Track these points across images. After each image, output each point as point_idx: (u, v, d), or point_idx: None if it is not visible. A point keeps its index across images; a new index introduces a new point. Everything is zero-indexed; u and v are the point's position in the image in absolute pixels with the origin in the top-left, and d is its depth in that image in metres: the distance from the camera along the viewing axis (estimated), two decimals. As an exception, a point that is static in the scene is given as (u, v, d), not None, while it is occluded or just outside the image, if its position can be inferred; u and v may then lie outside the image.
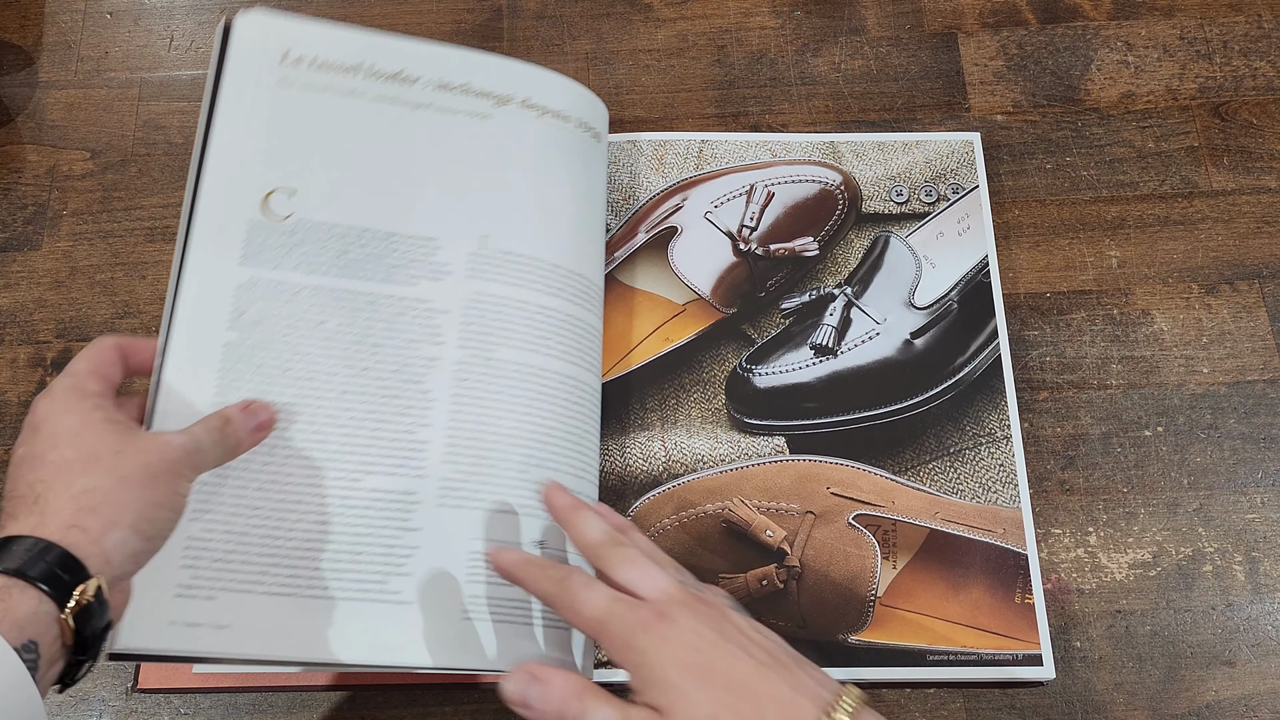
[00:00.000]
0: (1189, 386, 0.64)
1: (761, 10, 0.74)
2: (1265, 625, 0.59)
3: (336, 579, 0.51)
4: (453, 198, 0.58)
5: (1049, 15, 0.74)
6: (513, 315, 0.56)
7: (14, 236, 0.68)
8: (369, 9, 0.75)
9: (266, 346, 0.53)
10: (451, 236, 0.57)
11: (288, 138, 0.56)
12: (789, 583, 0.58)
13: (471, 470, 0.53)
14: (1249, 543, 0.60)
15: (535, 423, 0.55)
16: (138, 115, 0.72)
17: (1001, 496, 0.60)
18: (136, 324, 0.66)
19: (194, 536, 0.49)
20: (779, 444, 0.62)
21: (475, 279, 0.56)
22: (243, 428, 0.49)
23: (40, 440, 0.44)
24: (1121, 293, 0.66)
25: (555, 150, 0.61)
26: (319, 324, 0.54)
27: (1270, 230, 0.68)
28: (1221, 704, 0.57)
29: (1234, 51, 0.72)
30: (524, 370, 0.56)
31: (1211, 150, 0.70)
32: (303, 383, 0.53)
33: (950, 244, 0.66)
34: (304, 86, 0.57)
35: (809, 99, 0.71)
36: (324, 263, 0.55)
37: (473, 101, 0.60)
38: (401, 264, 0.56)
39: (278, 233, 0.54)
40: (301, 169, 0.56)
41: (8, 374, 0.65)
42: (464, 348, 0.55)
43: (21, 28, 0.75)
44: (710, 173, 0.68)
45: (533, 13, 0.75)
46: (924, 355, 0.64)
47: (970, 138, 0.69)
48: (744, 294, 0.66)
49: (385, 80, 0.59)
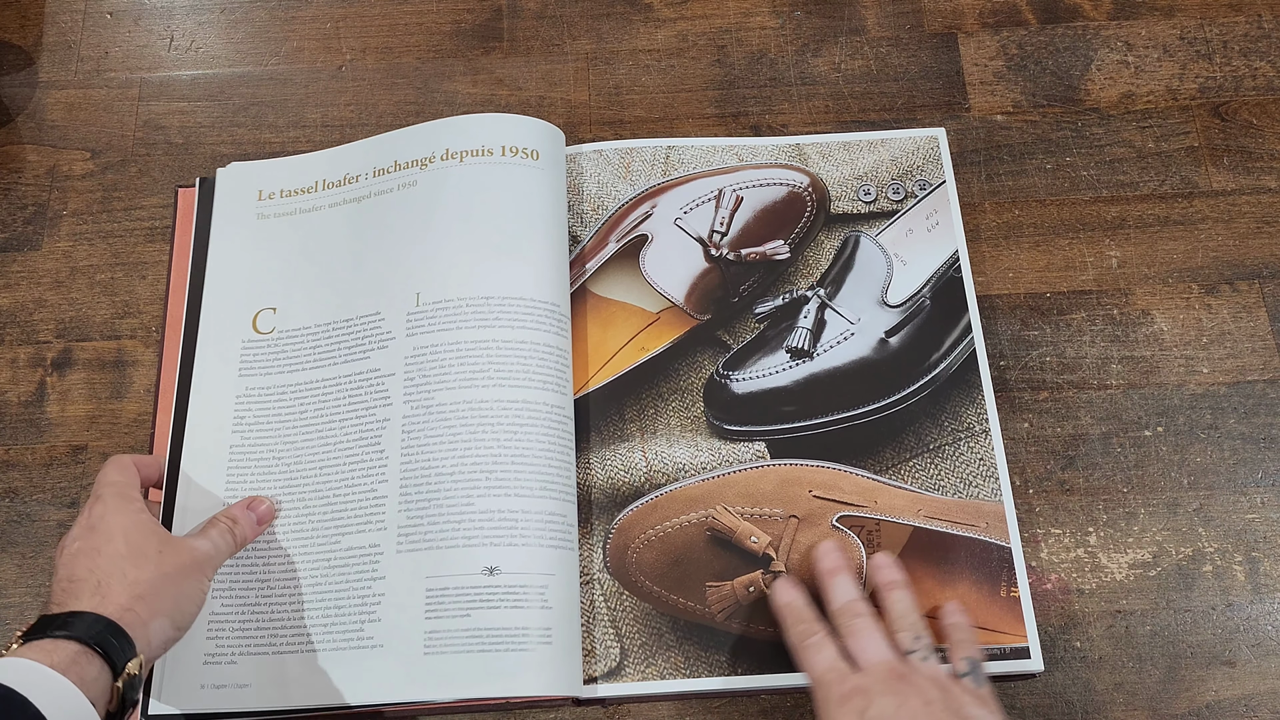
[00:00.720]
0: (1189, 386, 0.64)
1: (761, 10, 0.74)
2: (1265, 625, 0.59)
3: (326, 632, 0.57)
4: (390, 268, 0.63)
5: (1049, 15, 0.74)
6: (447, 359, 0.60)
7: (14, 236, 0.69)
8: (369, 9, 0.75)
9: (262, 443, 0.61)
10: (391, 304, 0.62)
11: (268, 264, 0.65)
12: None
13: (421, 513, 0.58)
14: (1249, 543, 0.60)
15: (476, 455, 0.57)
16: (138, 115, 0.72)
17: (983, 490, 0.60)
18: (136, 324, 0.66)
19: (215, 612, 0.57)
20: (759, 449, 0.62)
21: (414, 336, 0.61)
22: (248, 526, 0.57)
23: (96, 536, 0.51)
24: (1121, 293, 0.66)
25: (481, 189, 0.63)
26: (300, 414, 0.61)
27: (1270, 230, 0.68)
28: (1221, 704, 0.57)
29: (1234, 51, 0.72)
30: (460, 408, 0.58)
31: (1211, 150, 0.70)
32: (291, 467, 0.60)
33: (920, 241, 0.66)
34: (276, 215, 0.66)
35: (809, 99, 0.71)
36: (300, 360, 0.62)
37: (401, 174, 0.65)
38: (356, 342, 0.62)
39: (265, 345, 0.63)
40: (280, 288, 0.64)
41: (8, 374, 0.65)
42: (408, 402, 0.60)
43: (21, 28, 0.75)
44: (678, 179, 0.68)
45: (533, 13, 0.75)
46: (899, 353, 0.64)
47: (935, 133, 0.69)
48: (717, 300, 0.65)
49: (336, 187, 0.66)
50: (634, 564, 0.59)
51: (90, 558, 0.50)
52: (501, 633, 0.54)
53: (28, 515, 0.62)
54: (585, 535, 0.60)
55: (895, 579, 0.56)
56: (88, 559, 0.50)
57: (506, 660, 0.54)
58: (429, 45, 0.74)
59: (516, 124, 0.65)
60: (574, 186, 0.67)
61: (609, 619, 0.58)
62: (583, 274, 0.66)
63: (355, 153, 0.67)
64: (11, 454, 0.63)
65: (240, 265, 0.65)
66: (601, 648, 0.58)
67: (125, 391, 0.65)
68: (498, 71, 0.73)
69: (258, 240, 0.66)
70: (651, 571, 0.59)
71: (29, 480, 0.63)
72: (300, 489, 0.59)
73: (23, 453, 0.63)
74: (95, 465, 0.63)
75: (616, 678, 0.57)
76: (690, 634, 0.58)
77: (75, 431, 0.64)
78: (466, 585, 0.55)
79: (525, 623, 0.55)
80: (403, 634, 0.56)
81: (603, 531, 0.60)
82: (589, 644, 0.57)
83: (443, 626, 0.55)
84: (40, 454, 0.63)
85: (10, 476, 0.63)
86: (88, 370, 0.65)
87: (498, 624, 0.55)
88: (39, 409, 0.64)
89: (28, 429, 0.64)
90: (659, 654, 0.58)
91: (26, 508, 0.62)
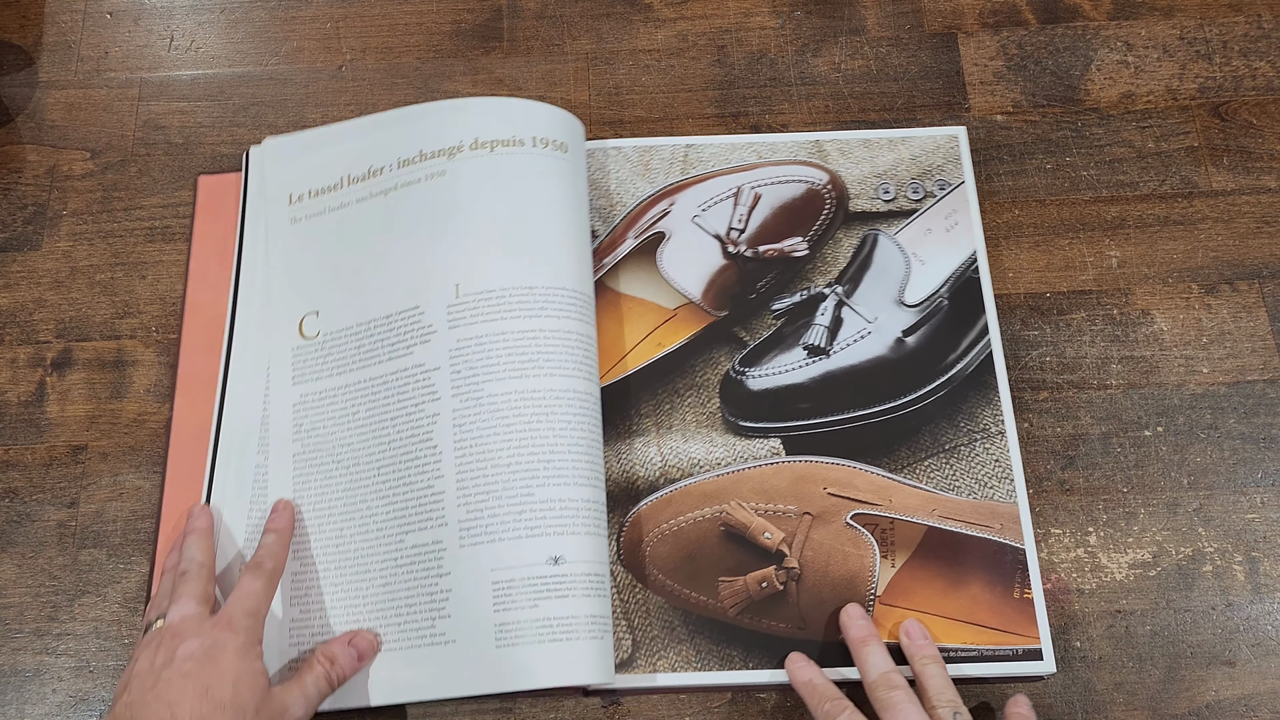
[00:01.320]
0: (1189, 386, 0.64)
1: (761, 10, 0.74)
2: (1265, 625, 0.59)
3: (400, 631, 0.57)
4: (424, 261, 0.62)
5: (1049, 15, 0.74)
6: (494, 350, 0.59)
7: (14, 236, 0.68)
8: (369, 9, 0.75)
9: (321, 447, 0.61)
10: (430, 298, 0.61)
11: (307, 268, 0.65)
12: (788, 584, 0.58)
13: (480, 507, 0.57)
14: (1249, 543, 0.60)
15: (533, 445, 0.57)
16: (137, 115, 0.72)
17: (998, 492, 0.60)
18: (136, 324, 0.66)
19: (295, 619, 0.58)
20: (774, 446, 0.62)
21: (456, 328, 0.60)
22: (348, 664, 0.55)
23: (210, 672, 0.50)
24: (1121, 293, 0.66)
25: (513, 178, 0.62)
26: (352, 415, 0.61)
27: (1270, 230, 0.68)
28: (1221, 704, 0.57)
29: (1234, 52, 0.72)
30: (513, 398, 0.58)
31: (1211, 150, 0.70)
32: (350, 470, 0.60)
33: (939, 240, 0.66)
34: (309, 217, 0.66)
35: (809, 99, 0.71)
36: (346, 362, 0.62)
37: (428, 164, 0.64)
38: (399, 339, 0.61)
39: (313, 350, 0.63)
40: (321, 291, 0.64)
41: (8, 374, 0.65)
42: (456, 395, 0.59)
43: (21, 27, 0.75)
44: (696, 176, 0.68)
45: (533, 12, 0.75)
46: (916, 353, 0.64)
47: (955, 132, 0.69)
48: (734, 296, 0.65)
49: (361, 181, 0.65)
50: (648, 557, 0.60)
51: (195, 693, 0.48)
52: (571, 621, 0.55)
53: (27, 515, 0.62)
54: None
55: (931, 653, 0.55)
56: (192, 692, 0.48)
57: (578, 649, 0.54)
58: (429, 45, 0.74)
59: (550, 117, 0.64)
60: (593, 182, 0.68)
61: (622, 611, 0.58)
62: (601, 268, 0.66)
63: (378, 141, 0.66)
64: (11, 454, 0.63)
65: (281, 273, 0.65)
66: (614, 639, 0.58)
67: (125, 391, 0.65)
68: (498, 71, 0.73)
69: (293, 245, 0.65)
70: (665, 565, 0.59)
71: (29, 480, 0.63)
72: (362, 490, 0.59)
73: (22, 453, 0.63)
74: (95, 465, 0.63)
75: (628, 669, 0.57)
76: (702, 628, 0.58)
77: (75, 431, 0.64)
78: (533, 576, 0.55)
79: (591, 610, 0.55)
80: (473, 628, 0.56)
81: (617, 524, 0.60)
82: None
83: (512, 619, 0.55)
84: (40, 454, 0.63)
85: (10, 476, 0.63)
86: (87, 370, 0.65)
87: (566, 613, 0.55)
88: (39, 409, 0.64)
89: (27, 429, 0.64)
90: (670, 647, 0.58)
91: (26, 508, 0.62)
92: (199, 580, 0.54)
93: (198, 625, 0.52)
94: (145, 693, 0.49)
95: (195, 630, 0.51)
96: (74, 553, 0.61)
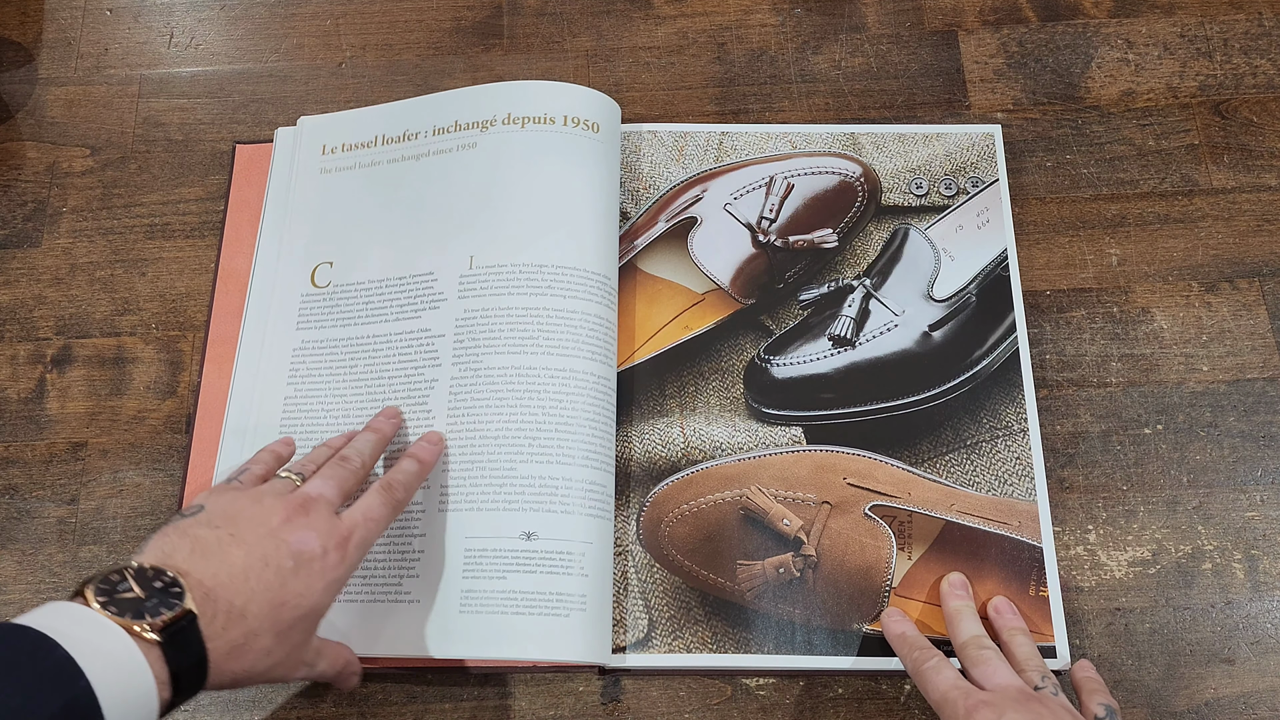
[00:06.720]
0: (1189, 384, 0.64)
1: (762, 7, 0.74)
2: (1264, 623, 0.59)
3: (365, 584, 0.58)
4: (447, 228, 0.63)
5: (1049, 13, 0.74)
6: (498, 324, 0.60)
7: (14, 233, 0.68)
8: (369, 6, 0.75)
9: (314, 395, 0.62)
10: (445, 265, 0.62)
11: (329, 218, 0.66)
12: (805, 571, 0.59)
13: (463, 474, 0.58)
14: (1248, 540, 0.61)
15: (521, 421, 0.58)
16: (137, 112, 0.72)
17: (1017, 490, 0.61)
18: (136, 321, 0.66)
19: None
20: (796, 434, 0.62)
21: (465, 298, 0.61)
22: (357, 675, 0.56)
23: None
24: (1121, 290, 0.66)
25: (540, 155, 0.63)
26: (350, 369, 0.62)
27: (1270, 228, 0.67)
28: (1221, 702, 0.57)
29: (1234, 49, 0.72)
30: (509, 373, 0.59)
31: (1212, 148, 0.70)
32: (339, 420, 0.61)
33: (969, 237, 0.66)
34: (338, 169, 0.67)
35: (809, 96, 0.71)
36: (353, 315, 0.63)
37: (462, 135, 0.66)
38: (409, 300, 0.62)
39: (321, 299, 0.64)
40: (338, 242, 0.65)
41: (8, 371, 0.65)
42: (456, 364, 0.60)
43: (21, 24, 0.74)
44: (730, 164, 0.69)
45: (533, 10, 0.74)
46: (942, 348, 0.64)
47: (991, 130, 0.69)
48: (763, 285, 0.66)
49: (396, 143, 0.67)
50: (667, 537, 0.60)
51: (270, 583, 0.46)
52: (536, 597, 0.55)
53: (27, 512, 0.62)
54: (621, 507, 0.60)
55: (1019, 625, 0.56)
56: (272, 579, 0.46)
57: (540, 624, 0.55)
58: (429, 42, 0.74)
59: (578, 94, 0.65)
60: (627, 164, 0.68)
61: (639, 591, 0.59)
62: (632, 250, 0.66)
63: (416, 108, 0.68)
64: (11, 451, 0.63)
65: (303, 219, 0.66)
66: (630, 618, 0.58)
67: (125, 388, 0.65)
68: (498, 69, 0.73)
69: (319, 194, 0.67)
70: (684, 546, 0.60)
71: (29, 477, 0.63)
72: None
73: (22, 449, 0.63)
74: (95, 462, 0.63)
75: (644, 649, 0.57)
76: (718, 610, 0.58)
77: (75, 428, 0.64)
78: (504, 548, 0.56)
79: (561, 588, 0.55)
80: (439, 591, 0.56)
81: (638, 504, 0.61)
82: (619, 614, 0.58)
83: (479, 587, 0.56)
84: (40, 451, 0.63)
85: (10, 473, 0.63)
86: (87, 367, 0.65)
87: (533, 588, 0.55)
88: (39, 406, 0.64)
89: (27, 426, 0.64)
90: (686, 628, 0.58)
91: (26, 504, 0.62)
92: (353, 477, 0.54)
93: (325, 519, 0.50)
94: (250, 506, 0.48)
95: (319, 525, 0.49)
96: (74, 549, 0.61)
